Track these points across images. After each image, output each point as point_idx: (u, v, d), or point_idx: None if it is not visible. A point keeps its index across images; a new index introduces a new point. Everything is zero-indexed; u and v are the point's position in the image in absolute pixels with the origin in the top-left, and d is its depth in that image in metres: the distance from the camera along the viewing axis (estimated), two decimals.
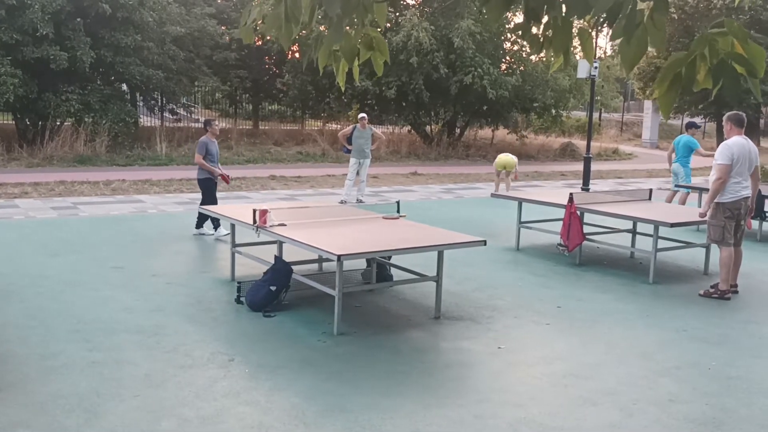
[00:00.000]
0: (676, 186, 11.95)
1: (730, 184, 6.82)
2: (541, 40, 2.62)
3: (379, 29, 3.30)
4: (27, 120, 18.97)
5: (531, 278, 7.61)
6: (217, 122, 10.22)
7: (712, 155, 7.32)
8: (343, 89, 3.86)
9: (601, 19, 2.45)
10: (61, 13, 17.12)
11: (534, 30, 2.58)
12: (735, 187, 6.84)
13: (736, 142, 6.87)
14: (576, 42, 3.07)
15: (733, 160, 6.78)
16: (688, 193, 11.85)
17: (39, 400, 4.16)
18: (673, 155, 11.99)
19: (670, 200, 11.90)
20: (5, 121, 22.64)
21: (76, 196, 12.49)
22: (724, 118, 7.09)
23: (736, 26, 2.22)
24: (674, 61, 2.26)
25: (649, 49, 2.41)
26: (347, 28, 2.94)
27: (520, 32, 2.59)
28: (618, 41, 2.36)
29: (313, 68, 23.30)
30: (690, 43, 2.32)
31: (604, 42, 42.17)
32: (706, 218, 7.10)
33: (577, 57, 19.64)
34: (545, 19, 2.56)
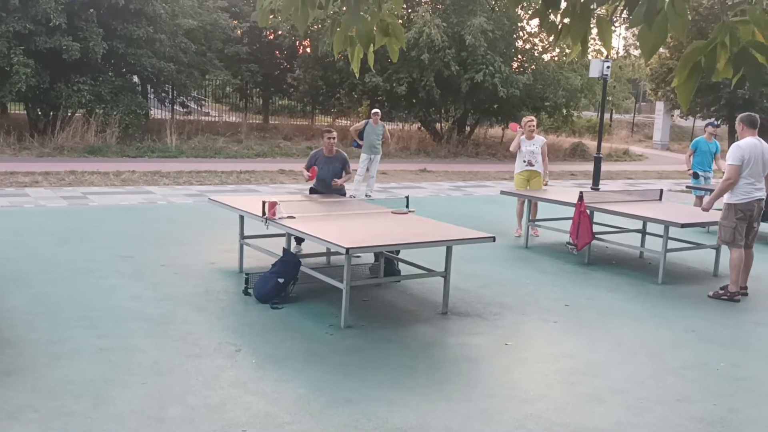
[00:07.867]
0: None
1: (741, 185, 6.76)
2: (559, 27, 2.58)
3: (395, 14, 3.28)
4: (38, 110, 19.08)
5: (539, 276, 7.58)
6: (332, 133, 8.15)
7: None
8: (357, 75, 3.84)
9: (620, 6, 2.41)
10: (74, 3, 17.18)
11: (552, 17, 2.54)
12: (747, 188, 6.78)
13: (749, 143, 6.82)
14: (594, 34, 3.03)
15: (744, 161, 6.73)
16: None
17: (48, 384, 4.18)
18: None
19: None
20: (17, 111, 22.79)
21: (86, 186, 12.54)
22: (737, 119, 7.04)
23: (758, 14, 2.17)
24: (693, 49, 2.21)
25: (662, 50, 2.38)
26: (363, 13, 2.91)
27: (537, 20, 2.56)
28: (626, 46, 2.32)
29: (324, 63, 23.55)
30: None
31: (616, 42, 42.07)
32: (719, 219, 7.05)
33: (590, 57, 19.58)
34: (563, 5, 2.52)
